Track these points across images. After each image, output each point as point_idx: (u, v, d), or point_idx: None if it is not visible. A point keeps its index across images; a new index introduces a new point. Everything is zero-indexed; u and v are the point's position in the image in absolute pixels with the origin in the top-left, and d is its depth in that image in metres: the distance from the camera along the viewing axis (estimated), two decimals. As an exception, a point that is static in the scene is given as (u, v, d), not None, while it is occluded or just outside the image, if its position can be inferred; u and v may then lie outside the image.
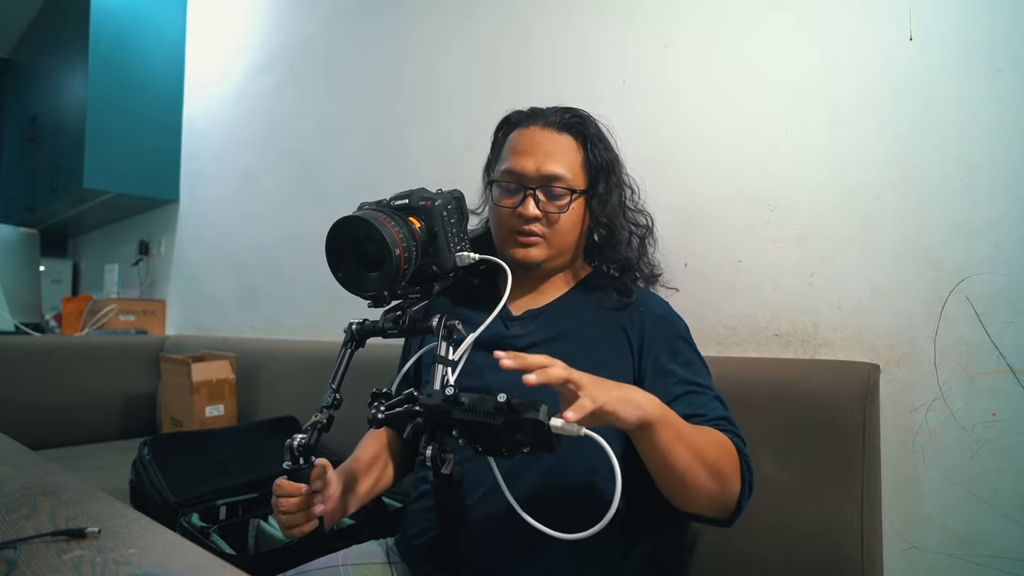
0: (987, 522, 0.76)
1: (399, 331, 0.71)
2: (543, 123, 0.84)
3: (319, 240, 0.67)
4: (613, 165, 0.86)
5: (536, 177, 0.81)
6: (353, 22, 1.93)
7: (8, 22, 3.71)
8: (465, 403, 0.55)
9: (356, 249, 0.66)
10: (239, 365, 1.91)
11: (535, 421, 0.53)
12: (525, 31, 1.39)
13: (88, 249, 3.94)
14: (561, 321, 0.83)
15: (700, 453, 0.65)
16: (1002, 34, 0.79)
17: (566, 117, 0.85)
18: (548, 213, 0.81)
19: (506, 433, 0.55)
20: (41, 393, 2.04)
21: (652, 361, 0.79)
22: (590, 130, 0.85)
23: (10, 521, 0.59)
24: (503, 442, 0.56)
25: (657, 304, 0.86)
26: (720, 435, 0.70)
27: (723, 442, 0.69)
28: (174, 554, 0.53)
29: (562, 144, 0.83)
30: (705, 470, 0.66)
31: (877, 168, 0.88)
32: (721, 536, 0.86)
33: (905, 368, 0.83)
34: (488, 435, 0.56)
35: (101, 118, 2.67)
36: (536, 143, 0.83)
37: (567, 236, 0.84)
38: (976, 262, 0.79)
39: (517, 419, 0.54)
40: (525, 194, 0.81)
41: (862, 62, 0.90)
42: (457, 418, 0.56)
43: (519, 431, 0.55)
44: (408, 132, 1.70)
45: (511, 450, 0.57)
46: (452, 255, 0.73)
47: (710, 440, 0.68)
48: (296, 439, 0.66)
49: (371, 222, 0.64)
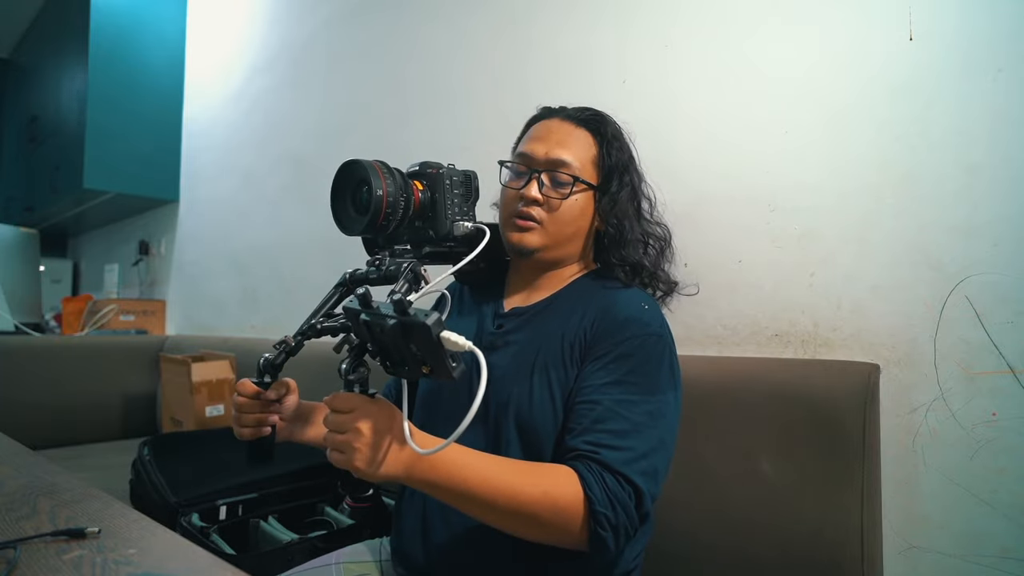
0: (987, 522, 0.76)
1: (379, 277, 0.72)
2: (563, 116, 0.86)
3: (319, 240, 0.69)
4: (627, 168, 0.86)
5: (544, 161, 0.82)
6: (353, 22, 1.93)
7: (8, 22, 3.71)
8: (374, 306, 0.55)
9: (355, 192, 0.72)
10: (239, 365, 1.91)
11: (422, 324, 0.52)
12: (525, 31, 1.39)
13: (88, 249, 3.94)
14: (544, 324, 0.80)
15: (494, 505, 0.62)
16: (1002, 34, 0.79)
17: (586, 114, 0.86)
18: (550, 199, 0.81)
19: (401, 339, 0.54)
20: (41, 393, 2.04)
21: (590, 360, 0.74)
22: (608, 130, 0.85)
23: (10, 521, 0.59)
24: (403, 355, 0.56)
25: (628, 306, 0.77)
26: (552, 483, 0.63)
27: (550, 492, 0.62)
28: (174, 554, 0.53)
29: (576, 136, 0.84)
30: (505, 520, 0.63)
31: (877, 168, 0.88)
32: (721, 536, 0.86)
33: (905, 368, 0.83)
34: (392, 345, 0.56)
35: (101, 118, 2.67)
36: (551, 131, 0.84)
37: (566, 226, 0.82)
38: (976, 262, 0.79)
39: (408, 322, 0.53)
40: (531, 177, 0.81)
41: (862, 62, 0.90)
42: (363, 319, 0.56)
43: (412, 338, 0.54)
44: (408, 132, 1.70)
45: (412, 368, 0.56)
46: (448, 222, 0.76)
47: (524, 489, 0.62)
48: (264, 356, 0.71)
49: (365, 167, 0.69)
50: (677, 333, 1.06)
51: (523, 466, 0.65)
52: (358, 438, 0.58)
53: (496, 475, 0.62)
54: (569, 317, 0.78)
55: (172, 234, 2.95)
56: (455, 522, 0.74)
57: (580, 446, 0.66)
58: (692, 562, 0.89)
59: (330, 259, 1.86)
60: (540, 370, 0.75)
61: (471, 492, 0.61)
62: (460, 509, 0.63)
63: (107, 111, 2.69)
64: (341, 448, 0.58)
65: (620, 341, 0.73)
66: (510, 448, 0.74)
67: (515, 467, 0.64)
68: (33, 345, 2.20)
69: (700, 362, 0.96)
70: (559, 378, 0.74)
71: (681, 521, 0.89)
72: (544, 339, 0.77)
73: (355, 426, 0.58)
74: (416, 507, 0.79)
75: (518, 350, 0.78)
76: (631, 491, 0.64)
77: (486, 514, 0.63)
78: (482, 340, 0.82)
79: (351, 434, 0.58)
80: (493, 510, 0.62)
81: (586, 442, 0.66)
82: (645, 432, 0.67)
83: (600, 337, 0.74)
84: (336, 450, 0.59)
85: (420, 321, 0.52)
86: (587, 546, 0.64)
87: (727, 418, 0.89)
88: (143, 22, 2.83)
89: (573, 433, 0.69)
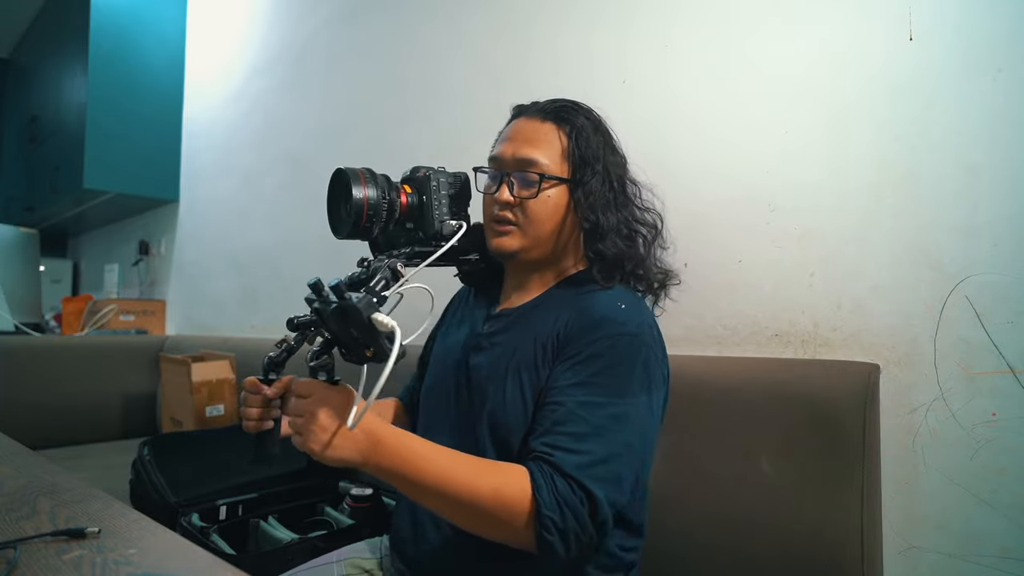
0: (987, 522, 0.76)
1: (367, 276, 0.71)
2: (530, 113, 0.84)
3: (319, 240, 0.70)
4: (600, 156, 0.81)
5: (511, 162, 0.80)
6: (353, 22, 1.93)
7: (8, 22, 3.71)
8: (325, 293, 0.57)
9: (346, 198, 0.75)
10: (239, 365, 1.91)
11: (353, 307, 0.55)
12: (525, 31, 1.39)
13: (88, 249, 3.94)
14: (526, 325, 0.79)
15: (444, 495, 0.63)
16: (1002, 34, 0.79)
17: (553, 107, 0.83)
18: (522, 199, 0.79)
19: (343, 323, 0.57)
20: (41, 393, 2.04)
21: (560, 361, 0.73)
22: (578, 121, 0.82)
23: (10, 521, 0.59)
24: (348, 339, 0.58)
25: (605, 306, 0.75)
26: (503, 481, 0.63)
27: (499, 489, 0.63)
28: (174, 554, 0.53)
29: (542, 132, 0.81)
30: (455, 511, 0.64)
31: (877, 168, 0.88)
32: (721, 536, 0.86)
33: (905, 368, 0.83)
34: (339, 330, 0.59)
35: (101, 118, 2.67)
36: (517, 131, 0.82)
37: (543, 225, 0.79)
38: (976, 262, 0.79)
39: (345, 306, 0.56)
40: (501, 180, 0.80)
41: (862, 62, 0.90)
42: (314, 307, 0.59)
43: (350, 322, 0.56)
44: (408, 132, 1.70)
45: (358, 352, 0.59)
46: (436, 222, 0.79)
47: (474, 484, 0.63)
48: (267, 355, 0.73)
49: (348, 174, 0.74)
50: (677, 333, 1.07)
51: (479, 462, 0.66)
52: (313, 421, 0.61)
53: (450, 468, 0.64)
54: (547, 319, 0.78)
55: (172, 234, 2.95)
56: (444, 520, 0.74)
57: (537, 447, 0.66)
58: (691, 562, 0.89)
59: (330, 259, 1.86)
60: (514, 371, 0.75)
61: (424, 483, 0.63)
62: (414, 499, 0.66)
63: (107, 111, 2.69)
64: (299, 430, 0.62)
65: (591, 341, 0.71)
66: (485, 448, 0.75)
67: (471, 463, 0.65)
68: (33, 345, 2.20)
69: (700, 362, 0.96)
70: (531, 379, 0.74)
71: (680, 521, 0.89)
72: (522, 340, 0.77)
73: (311, 410, 0.61)
74: (409, 503, 0.81)
75: (500, 352, 0.79)
76: (583, 496, 0.62)
77: (440, 506, 0.65)
78: (471, 341, 0.83)
79: (307, 418, 0.61)
80: (446, 502, 0.64)
81: (544, 443, 0.66)
82: (607, 436, 0.65)
83: (572, 337, 0.73)
84: (296, 432, 0.62)
85: (352, 304, 0.55)
86: (535, 548, 0.63)
87: (727, 418, 0.89)
88: (143, 22, 2.83)
89: (535, 434, 0.69)
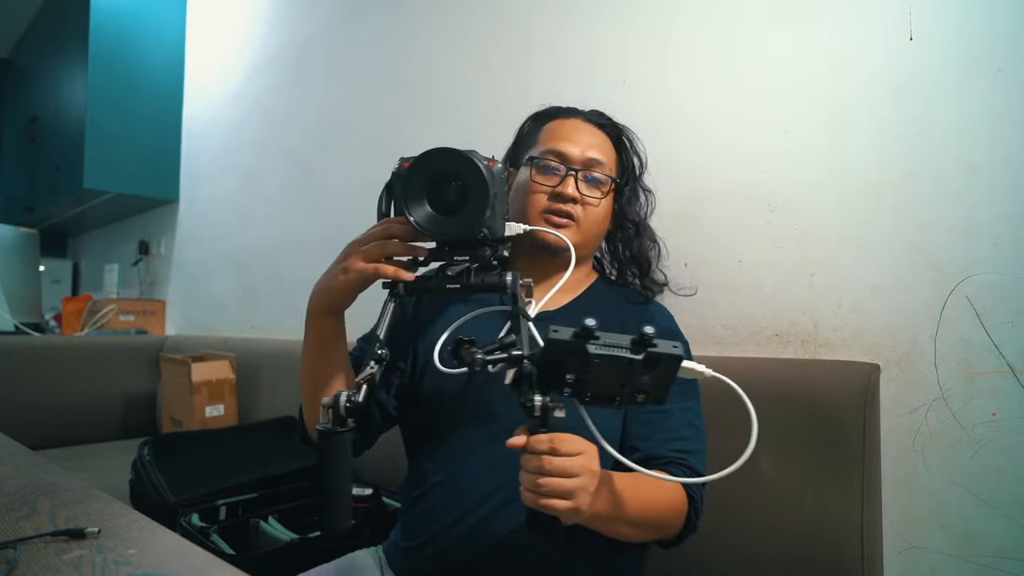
0: (987, 522, 0.76)
1: (462, 287, 0.66)
2: (583, 118, 0.88)
3: (319, 239, 0.68)
4: (639, 170, 0.91)
5: (581, 160, 0.83)
6: (353, 22, 1.93)
7: (8, 22, 3.71)
8: (599, 337, 0.50)
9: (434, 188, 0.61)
10: (239, 365, 1.91)
11: (673, 356, 0.50)
12: (525, 31, 1.39)
13: (88, 249, 3.94)
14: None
15: (640, 521, 0.67)
16: (1002, 34, 0.79)
17: (603, 118, 0.89)
18: (586, 197, 0.82)
19: (639, 372, 0.51)
20: (41, 393, 2.04)
21: None
22: (624, 135, 0.90)
23: (10, 521, 0.59)
24: (624, 385, 0.52)
25: (664, 318, 0.87)
26: (671, 489, 0.70)
27: (672, 498, 0.70)
28: (174, 554, 0.53)
29: (600, 138, 0.87)
30: (641, 532, 0.69)
31: (877, 168, 0.88)
32: (721, 536, 0.86)
33: (905, 368, 0.83)
34: (609, 377, 0.51)
35: (101, 118, 2.67)
36: (579, 131, 0.85)
37: (597, 226, 0.85)
38: (976, 262, 0.79)
39: (656, 355, 0.50)
40: (567, 174, 0.81)
41: (862, 62, 0.90)
42: (594, 352, 0.50)
43: (652, 369, 0.51)
44: (408, 132, 1.69)
45: (626, 397, 0.53)
46: (503, 222, 0.67)
47: (658, 500, 0.69)
48: (341, 396, 0.53)
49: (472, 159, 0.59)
50: (677, 333, 1.07)
51: (650, 480, 0.67)
52: (591, 482, 0.55)
53: (646, 495, 0.67)
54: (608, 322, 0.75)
55: (172, 234, 2.95)
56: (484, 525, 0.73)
57: (668, 453, 0.73)
58: (691, 562, 0.89)
59: (330, 259, 1.85)
60: None
61: (629, 516, 0.65)
62: (604, 532, 0.65)
63: (107, 111, 2.68)
64: (571, 494, 0.54)
65: None
66: None
67: (649, 483, 0.67)
68: (33, 345, 2.20)
69: (700, 362, 0.96)
70: None
71: (681, 521, 0.89)
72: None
73: (591, 467, 0.56)
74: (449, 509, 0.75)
75: None
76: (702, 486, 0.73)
77: (628, 532, 0.67)
78: None
79: (586, 477, 0.55)
80: (637, 527, 0.67)
81: (673, 450, 0.73)
82: (702, 431, 0.77)
83: None
84: (561, 496, 0.54)
85: (671, 353, 0.50)
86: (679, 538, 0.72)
87: (727, 418, 0.88)
88: (143, 22, 2.82)
89: (654, 441, 0.74)
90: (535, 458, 0.54)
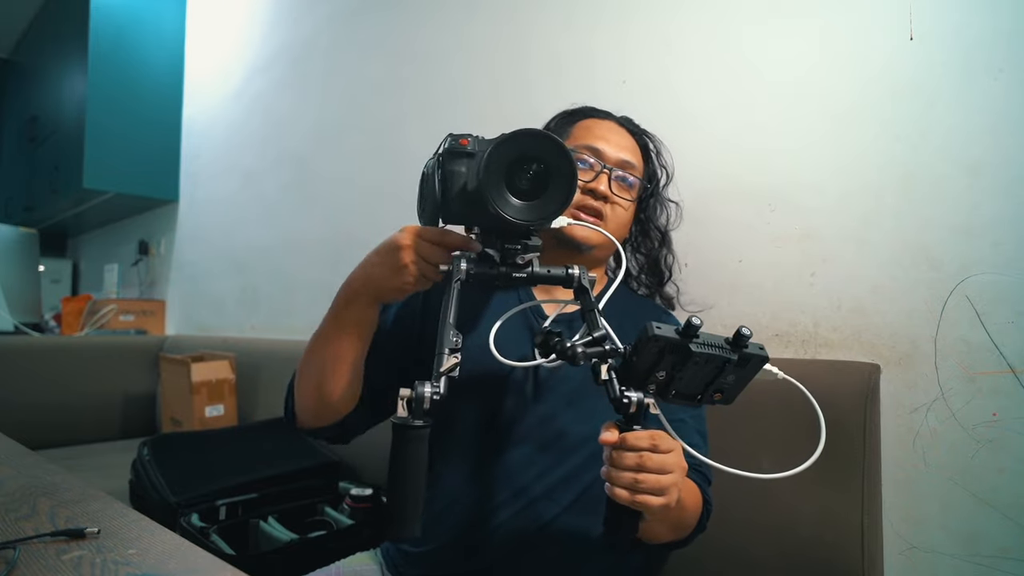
0: (988, 522, 0.76)
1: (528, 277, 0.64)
2: (617, 121, 0.89)
3: (319, 239, 0.67)
4: (664, 181, 0.94)
5: (615, 159, 0.83)
6: (353, 22, 1.93)
7: (8, 22, 3.71)
8: (700, 336, 0.51)
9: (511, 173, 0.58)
10: (239, 365, 1.91)
11: (761, 358, 0.53)
12: (525, 31, 1.39)
13: (88, 249, 3.94)
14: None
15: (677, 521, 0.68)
16: (1002, 34, 0.79)
17: (635, 125, 0.91)
18: (616, 197, 0.82)
19: (728, 371, 0.54)
20: (41, 393, 2.04)
21: None
22: (651, 143, 0.91)
23: (10, 521, 0.59)
24: (710, 384, 0.55)
25: (672, 320, 0.90)
26: (697, 491, 0.72)
27: (697, 499, 0.72)
28: (174, 554, 0.53)
29: (632, 142, 0.88)
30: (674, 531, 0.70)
31: (877, 168, 0.88)
32: (721, 536, 0.86)
33: (905, 368, 0.83)
34: (700, 375, 0.53)
35: (101, 118, 2.67)
36: (614, 132, 0.86)
37: (622, 228, 0.85)
38: (976, 262, 0.79)
39: (747, 355, 0.53)
40: (601, 171, 0.81)
41: (863, 62, 0.90)
42: (697, 351, 0.51)
43: (739, 369, 0.54)
44: (408, 132, 1.69)
45: (707, 395, 0.56)
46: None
47: (691, 502, 0.70)
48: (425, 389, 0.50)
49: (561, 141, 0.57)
50: (677, 333, 1.07)
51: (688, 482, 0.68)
52: (682, 479, 0.56)
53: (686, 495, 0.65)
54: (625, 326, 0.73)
55: (172, 234, 2.95)
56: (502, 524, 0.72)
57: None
58: (691, 562, 0.88)
59: (330, 259, 1.87)
60: None
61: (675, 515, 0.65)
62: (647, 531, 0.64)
63: (107, 111, 2.68)
64: (666, 490, 0.54)
65: None
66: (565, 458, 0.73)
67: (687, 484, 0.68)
68: (33, 345, 2.20)
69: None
70: None
71: (681, 521, 0.89)
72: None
73: (683, 465, 0.56)
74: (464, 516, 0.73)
75: None
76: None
77: (663, 531, 0.68)
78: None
79: (679, 474, 0.55)
80: (674, 527, 0.68)
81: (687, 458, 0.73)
82: (706, 438, 0.79)
83: None
84: (656, 493, 0.54)
85: (760, 355, 0.53)
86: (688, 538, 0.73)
87: (727, 418, 0.88)
88: (143, 22, 2.82)
89: None
90: (632, 455, 0.54)
